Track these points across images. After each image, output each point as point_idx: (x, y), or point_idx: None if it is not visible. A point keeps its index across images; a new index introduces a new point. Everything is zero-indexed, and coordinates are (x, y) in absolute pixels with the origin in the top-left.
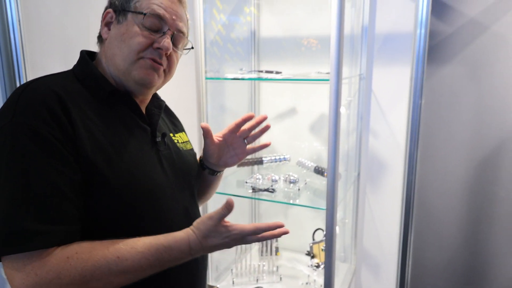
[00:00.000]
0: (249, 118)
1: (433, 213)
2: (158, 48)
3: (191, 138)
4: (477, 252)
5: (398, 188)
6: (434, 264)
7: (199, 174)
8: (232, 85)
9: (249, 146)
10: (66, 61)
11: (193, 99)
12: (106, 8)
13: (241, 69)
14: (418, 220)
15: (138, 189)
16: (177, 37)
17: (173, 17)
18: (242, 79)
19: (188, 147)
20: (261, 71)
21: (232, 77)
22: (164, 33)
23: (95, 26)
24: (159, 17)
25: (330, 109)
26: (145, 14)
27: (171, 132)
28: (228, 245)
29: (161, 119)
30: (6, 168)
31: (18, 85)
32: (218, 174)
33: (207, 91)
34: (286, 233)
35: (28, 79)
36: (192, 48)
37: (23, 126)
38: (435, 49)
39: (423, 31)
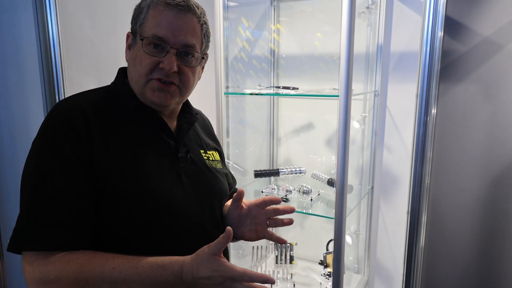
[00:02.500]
0: (278, 202)
1: (446, 228)
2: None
3: None
4: (489, 268)
5: None
6: (446, 279)
7: (226, 193)
8: (253, 100)
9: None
10: (98, 77)
11: (213, 113)
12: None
13: (259, 85)
14: (431, 235)
15: (149, 202)
16: (186, 51)
17: (176, 33)
18: (259, 94)
19: (218, 166)
20: (278, 87)
21: (249, 92)
22: (167, 52)
23: (123, 45)
24: (159, 38)
25: (339, 122)
26: (142, 39)
27: (202, 149)
28: (214, 283)
29: (195, 135)
30: (31, 175)
31: (57, 98)
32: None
33: (229, 105)
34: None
35: (66, 93)
36: (203, 58)
37: (48, 138)
38: (449, 68)
39: (428, 48)
